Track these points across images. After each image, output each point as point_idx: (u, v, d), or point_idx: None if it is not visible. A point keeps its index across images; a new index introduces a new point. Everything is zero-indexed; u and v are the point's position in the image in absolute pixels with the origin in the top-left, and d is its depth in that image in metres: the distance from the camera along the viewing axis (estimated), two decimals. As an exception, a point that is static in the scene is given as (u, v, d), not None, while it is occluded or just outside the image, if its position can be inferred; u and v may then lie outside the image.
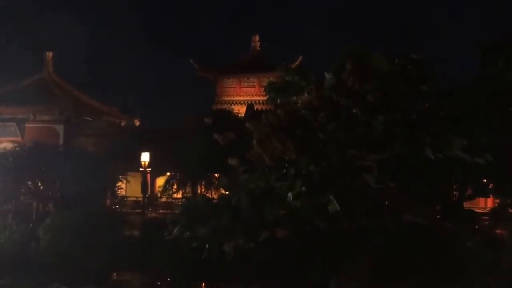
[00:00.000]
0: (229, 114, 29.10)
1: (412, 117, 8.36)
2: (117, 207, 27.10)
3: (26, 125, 33.79)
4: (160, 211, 26.98)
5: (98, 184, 24.85)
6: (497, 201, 13.72)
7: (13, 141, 31.00)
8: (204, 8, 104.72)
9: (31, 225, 21.99)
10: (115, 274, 19.76)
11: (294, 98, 11.30)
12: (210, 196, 23.64)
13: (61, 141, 32.29)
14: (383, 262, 12.19)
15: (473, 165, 9.35)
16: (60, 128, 33.46)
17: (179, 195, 27.63)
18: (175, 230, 11.65)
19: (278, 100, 11.97)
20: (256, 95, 41.16)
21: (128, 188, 29.38)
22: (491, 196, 14.45)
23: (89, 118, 34.86)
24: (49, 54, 37.74)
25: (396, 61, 9.16)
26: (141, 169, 26.07)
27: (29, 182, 24.42)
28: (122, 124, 37.80)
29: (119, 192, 27.89)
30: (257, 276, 16.14)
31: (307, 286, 14.33)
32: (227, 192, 13.23)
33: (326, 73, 9.97)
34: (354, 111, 8.95)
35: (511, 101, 10.45)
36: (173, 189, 27.78)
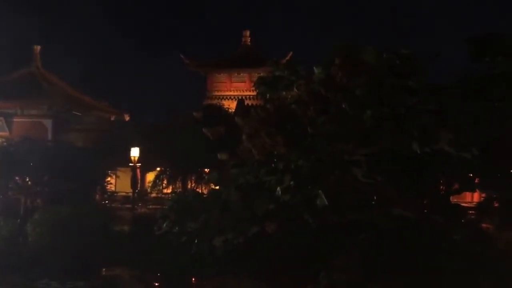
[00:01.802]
0: (220, 109, 29.07)
1: (400, 111, 8.42)
2: (107, 203, 26.98)
3: (14, 120, 33.40)
4: (150, 206, 26.90)
5: (87, 179, 24.71)
6: (483, 195, 13.89)
7: (0, 136, 30.71)
8: (195, 2, 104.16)
9: (19, 220, 21.83)
10: (104, 269, 19.68)
11: (284, 93, 11.32)
12: (200, 191, 23.65)
13: (49, 136, 31.99)
14: (373, 255, 12.30)
15: (460, 159, 9.46)
16: (48, 123, 33.13)
17: (170, 190, 27.58)
18: (164, 225, 11.66)
19: (268, 95, 11.99)
20: (246, 90, 41.05)
21: (117, 183, 29.26)
22: (477, 190, 14.61)
23: (78, 113, 34.59)
24: (37, 48, 37.27)
25: (384, 55, 9.21)
26: (131, 164, 25.95)
27: (17, 178, 24.22)
28: (112, 119, 37.59)
29: (108, 187, 27.76)
30: (248, 270, 16.18)
31: (297, 280, 14.40)
32: (217, 187, 13.25)
33: (315, 68, 10.00)
34: (343, 105, 9.00)
35: (497, 95, 10.56)
36: (163, 184, 27.73)
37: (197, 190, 24.60)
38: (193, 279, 18.19)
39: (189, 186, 27.06)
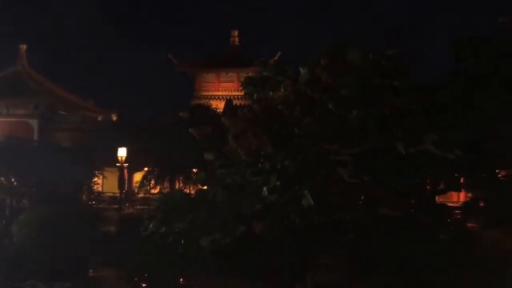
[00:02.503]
0: (207, 109, 29.03)
1: (386, 111, 8.48)
2: (93, 203, 26.79)
3: (-1, 119, 33.08)
4: (138, 206, 26.77)
5: (74, 179, 24.50)
6: (469, 195, 14.02)
7: (-15, 136, 30.27)
8: (183, 2, 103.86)
9: (4, 221, 21.57)
10: (91, 270, 19.54)
11: (271, 93, 11.31)
12: (188, 191, 23.59)
13: (35, 136, 31.72)
14: (359, 255, 12.38)
15: (445, 159, 9.54)
16: (34, 123, 32.83)
17: (157, 191, 27.46)
18: (151, 225, 11.60)
19: (255, 95, 11.99)
20: (235, 90, 41.06)
21: (104, 183, 29.07)
22: (463, 190, 14.75)
23: (64, 112, 34.29)
24: (23, 47, 36.89)
25: (370, 56, 9.26)
26: (118, 164, 25.79)
27: (2, 178, 23.94)
28: (99, 118, 37.34)
29: (95, 187, 27.57)
30: (235, 270, 16.17)
31: (284, 279, 14.43)
32: (205, 187, 13.21)
33: (301, 69, 10.02)
34: (329, 105, 9.03)
35: (481, 96, 10.67)
36: (151, 184, 27.60)
37: (185, 190, 24.55)
38: (181, 280, 18.12)
39: (177, 187, 26.97)
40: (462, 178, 12.83)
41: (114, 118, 38.16)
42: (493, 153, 11.28)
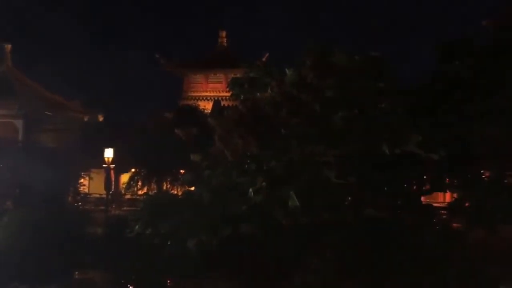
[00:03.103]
0: (195, 110, 28.98)
1: (371, 113, 8.54)
2: (79, 205, 26.56)
3: (-17, 120, 32.61)
4: (125, 208, 26.61)
5: (59, 181, 24.26)
6: (454, 195, 14.16)
7: (-31, 137, 29.82)
8: (172, 2, 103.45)
9: (-13, 223, 21.23)
10: (77, 272, 19.35)
11: (258, 94, 11.33)
12: (176, 192, 23.50)
13: (20, 137, 31.32)
14: (346, 255, 12.45)
15: (430, 160, 9.63)
16: (19, 123, 32.45)
17: (145, 192, 27.32)
18: (137, 227, 11.53)
19: (242, 96, 12.00)
20: (223, 91, 41.00)
21: (91, 185, 28.87)
22: (448, 191, 14.91)
23: (50, 113, 33.93)
24: (8, 47, 36.43)
25: (356, 58, 9.32)
26: (104, 165, 25.60)
27: (-14, 179, 23.63)
28: (85, 119, 37.03)
29: (81, 189, 27.34)
30: (223, 271, 16.15)
31: (272, 280, 14.44)
32: (192, 188, 13.17)
33: (287, 70, 10.05)
34: (314, 106, 9.07)
35: (465, 97, 10.81)
36: (138, 186, 27.46)
37: (173, 191, 24.47)
38: (168, 281, 18.04)
39: (164, 188, 26.87)
40: (447, 179, 12.97)
41: (101, 118, 37.90)
42: (477, 154, 11.42)
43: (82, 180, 27.51)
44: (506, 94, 10.86)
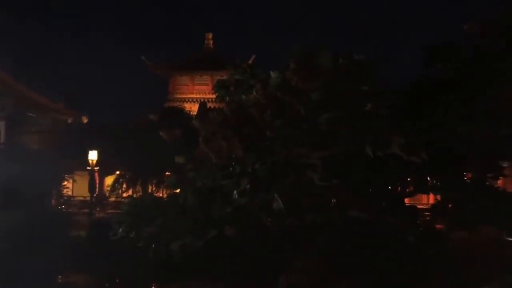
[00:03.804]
0: (180, 111, 28.88)
1: (354, 115, 8.59)
2: (63, 207, 26.27)
3: (-37, 122, 32.06)
4: (109, 210, 26.39)
5: (42, 183, 23.93)
6: (438, 197, 14.31)
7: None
8: (157, 3, 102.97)
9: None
10: (60, 276, 19.09)
11: (244, 96, 11.31)
12: (161, 195, 23.36)
13: (2, 139, 30.87)
14: (331, 257, 12.50)
15: (413, 162, 9.70)
16: (1, 124, 31.99)
17: (129, 194, 27.14)
18: (120, 230, 11.42)
19: (227, 98, 11.96)
20: (209, 93, 40.94)
21: (75, 187, 28.59)
22: (431, 192, 15.04)
23: (33, 114, 33.49)
24: (-10, 47, 35.88)
25: (340, 61, 9.36)
26: (88, 167, 25.36)
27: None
28: (69, 121, 36.64)
29: (65, 191, 27.06)
30: (208, 274, 16.08)
31: (258, 282, 14.43)
32: (177, 191, 13.10)
33: (271, 72, 10.06)
34: (299, 109, 9.09)
35: (447, 101, 10.93)
36: (123, 188, 27.26)
37: (158, 194, 24.32)
38: (153, 285, 17.90)
39: (149, 190, 26.71)
40: (430, 181, 13.10)
41: (85, 120, 37.54)
42: (459, 156, 11.55)
43: (65, 183, 27.23)
44: (489, 97, 11.02)
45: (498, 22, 11.76)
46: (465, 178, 13.04)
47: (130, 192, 26.63)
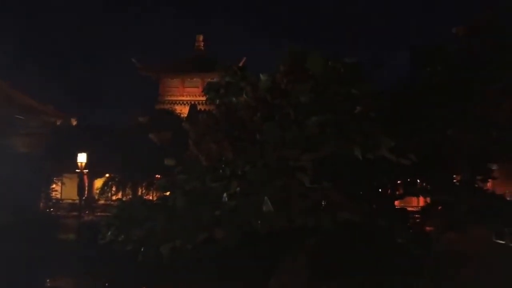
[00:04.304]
0: (170, 114, 28.77)
1: (344, 118, 8.60)
2: (51, 210, 26.03)
3: (-49, 124, 31.55)
4: (98, 213, 26.19)
5: (30, 186, 23.73)
6: (428, 199, 14.39)
7: None
8: (148, 5, 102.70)
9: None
10: (48, 280, 18.91)
11: (234, 99, 11.28)
12: (151, 197, 23.25)
13: (-10, 141, 30.40)
14: (321, 258, 12.52)
15: (403, 165, 9.74)
16: (-12, 127, 31.50)
17: (119, 197, 26.96)
18: (109, 233, 11.30)
19: (218, 101, 11.93)
20: (199, 96, 40.79)
21: (63, 190, 28.33)
22: (420, 195, 15.13)
23: (21, 117, 33.07)
24: (-23, 48, 35.44)
25: (330, 63, 9.38)
26: (77, 170, 25.15)
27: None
28: (58, 123, 36.27)
29: (53, 194, 26.80)
30: (198, 276, 16.03)
31: (248, 284, 14.41)
32: (167, 194, 13.02)
33: (261, 75, 10.04)
34: (288, 112, 9.08)
35: (438, 102, 10.99)
36: (112, 191, 27.07)
37: (148, 196, 24.19)
38: (142, 288, 17.79)
39: (139, 193, 26.56)
40: (419, 183, 13.17)
41: (74, 122, 37.19)
42: (448, 158, 11.63)
43: (54, 186, 26.96)
44: (477, 100, 11.11)
45: (484, 26, 11.87)
46: (454, 180, 13.14)
47: (119, 195, 26.45)
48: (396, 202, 14.02)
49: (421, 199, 21.71)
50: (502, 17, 12.06)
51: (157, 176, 24.71)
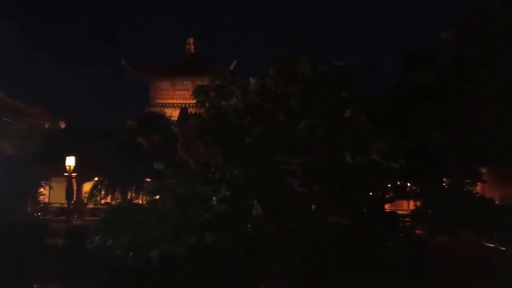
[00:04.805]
0: (161, 117, 28.59)
1: (333, 121, 8.57)
2: (39, 215, 25.69)
3: None
4: (87, 218, 25.90)
5: (18, 190, 23.41)
6: (418, 203, 14.41)
7: None
8: (138, 7, 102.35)
9: None
10: (36, 285, 18.64)
11: (224, 102, 11.22)
12: (141, 201, 23.05)
13: (-23, 144, 30.00)
14: (312, 263, 12.46)
15: (394, 168, 9.74)
16: (-25, 130, 31.08)
17: (109, 201, 26.71)
18: (97, 237, 11.17)
19: (207, 104, 11.85)
20: (190, 99, 40.59)
21: (51, 194, 27.97)
22: (411, 198, 15.14)
23: (8, 119, 32.64)
24: (-35, 50, 35.03)
25: (319, 67, 9.36)
26: (66, 174, 24.88)
27: None
28: (46, 126, 35.85)
29: (41, 198, 26.46)
30: (188, 281, 15.89)
31: (237, 288, 14.31)
32: (157, 197, 12.91)
33: (250, 79, 10.00)
34: (278, 115, 9.04)
35: (429, 106, 11.03)
36: (101, 195, 26.80)
37: (137, 200, 23.98)
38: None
39: (129, 197, 26.33)
40: (409, 187, 13.20)
41: (63, 125, 36.75)
42: (438, 162, 11.66)
43: (42, 189, 26.62)
44: (465, 104, 11.16)
45: (472, 31, 11.97)
46: (444, 184, 13.17)
47: (109, 199, 26.21)
48: (387, 206, 14.02)
49: (412, 202, 21.77)
50: (489, 22, 12.16)
51: (147, 179, 24.51)
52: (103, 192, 26.84)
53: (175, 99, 43.09)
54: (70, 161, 24.63)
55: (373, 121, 9.36)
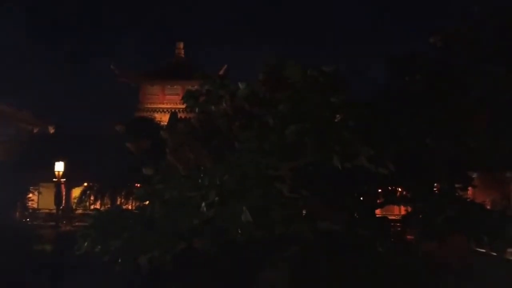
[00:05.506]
0: (150, 122, 28.51)
1: (322, 126, 8.56)
2: (28, 220, 25.44)
3: None
4: (76, 223, 25.69)
5: (6, 195, 23.14)
6: (408, 208, 14.41)
7: None
8: (127, 12, 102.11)
9: None
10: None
11: (213, 107, 11.16)
12: (130, 207, 22.90)
13: (-36, 149, 29.64)
14: (301, 268, 12.40)
15: (382, 174, 9.73)
16: (-37, 135, 30.79)
17: (98, 207, 26.50)
18: (85, 244, 11.03)
19: (197, 109, 11.79)
20: (180, 103, 40.48)
21: (40, 199, 27.74)
22: (401, 204, 15.15)
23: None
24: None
25: (308, 72, 9.35)
26: (54, 179, 24.67)
27: None
28: (35, 130, 35.63)
29: (29, 204, 26.23)
30: (177, 287, 15.77)
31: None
32: (146, 203, 12.81)
33: (239, 84, 9.97)
34: (267, 120, 9.01)
35: (414, 113, 11.06)
36: (90, 200, 26.63)
37: (127, 206, 23.84)
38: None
39: (118, 202, 26.17)
40: (399, 192, 13.20)
41: (52, 130, 36.53)
42: (428, 167, 11.68)
43: (30, 195, 26.39)
44: (455, 109, 11.21)
45: (460, 36, 12.05)
46: (434, 189, 13.19)
47: (98, 205, 26.01)
48: (378, 211, 14.00)
49: (403, 207, 21.79)
50: (477, 27, 12.25)
51: (136, 185, 24.35)
52: (92, 198, 26.66)
53: (165, 104, 43.05)
54: (59, 167, 24.46)
55: (362, 126, 9.36)
